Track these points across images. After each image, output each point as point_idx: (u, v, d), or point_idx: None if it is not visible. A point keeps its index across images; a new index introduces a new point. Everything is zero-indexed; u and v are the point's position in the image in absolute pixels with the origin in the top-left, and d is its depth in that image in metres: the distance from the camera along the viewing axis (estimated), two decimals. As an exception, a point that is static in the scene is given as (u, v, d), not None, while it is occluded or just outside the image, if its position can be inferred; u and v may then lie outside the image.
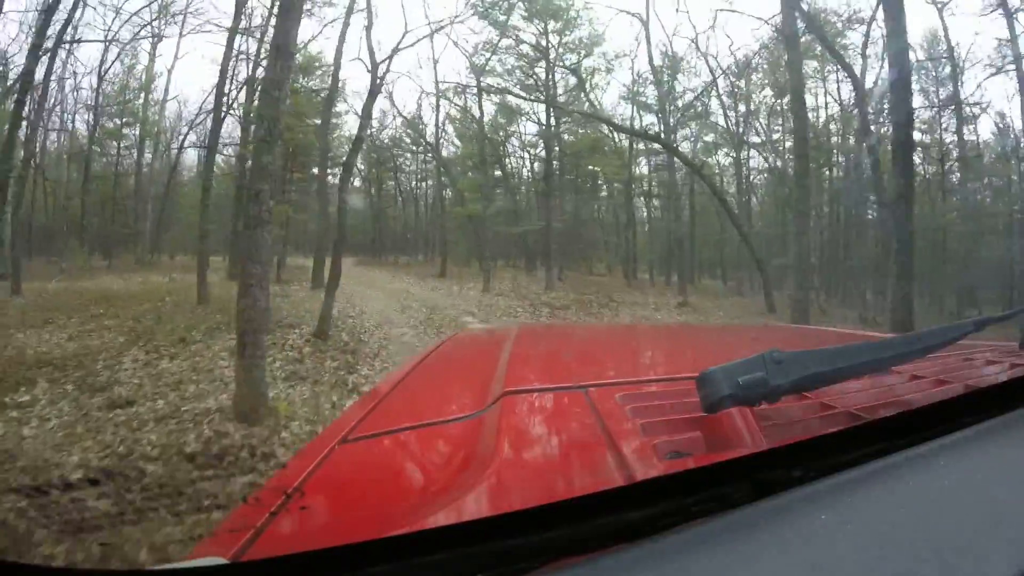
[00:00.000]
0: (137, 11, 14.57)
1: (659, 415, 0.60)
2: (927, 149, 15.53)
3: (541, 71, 16.42)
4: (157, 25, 15.24)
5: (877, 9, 11.48)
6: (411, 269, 19.90)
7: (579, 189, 19.89)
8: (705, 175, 15.28)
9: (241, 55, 13.43)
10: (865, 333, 1.61)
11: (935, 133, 15.77)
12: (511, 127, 20.18)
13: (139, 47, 16.46)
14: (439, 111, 19.50)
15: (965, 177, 15.51)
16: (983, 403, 0.52)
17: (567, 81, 17.00)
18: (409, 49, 25.33)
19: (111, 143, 17.59)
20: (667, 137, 15.16)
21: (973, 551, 0.33)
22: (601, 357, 1.34)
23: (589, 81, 16.25)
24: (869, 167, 11.95)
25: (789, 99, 12.44)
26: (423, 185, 26.50)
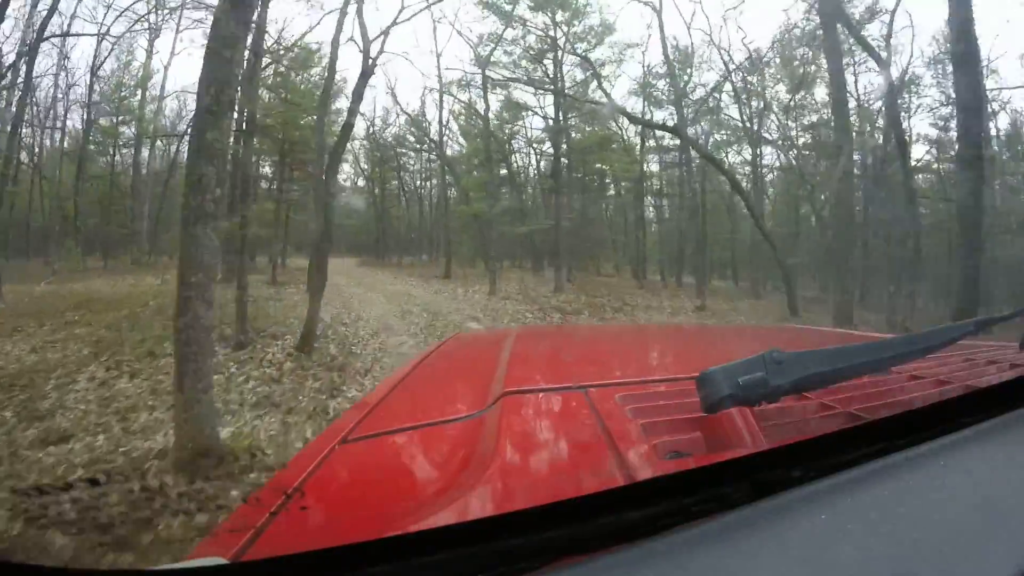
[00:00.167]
0: (131, 4, 14.24)
1: (659, 415, 0.61)
2: (941, 146, 15.12)
3: (548, 65, 15.73)
4: (153, 20, 14.94)
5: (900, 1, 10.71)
6: (415, 270, 19.39)
7: (586, 188, 19.31)
8: (725, 170, 14.55)
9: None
10: (865, 333, 1.62)
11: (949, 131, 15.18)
12: (516, 124, 19.67)
13: (135, 43, 16.14)
14: (443, 106, 18.93)
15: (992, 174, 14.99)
16: (983, 403, 0.53)
17: (574, 75, 16.49)
18: (409, 40, 24.95)
19: (108, 141, 17.30)
20: (682, 130, 14.41)
21: (973, 551, 0.34)
22: (601, 357, 1.34)
23: (599, 72, 15.44)
24: (897, 164, 11.49)
25: (829, 90, 11.71)
26: (427, 184, 26.11)
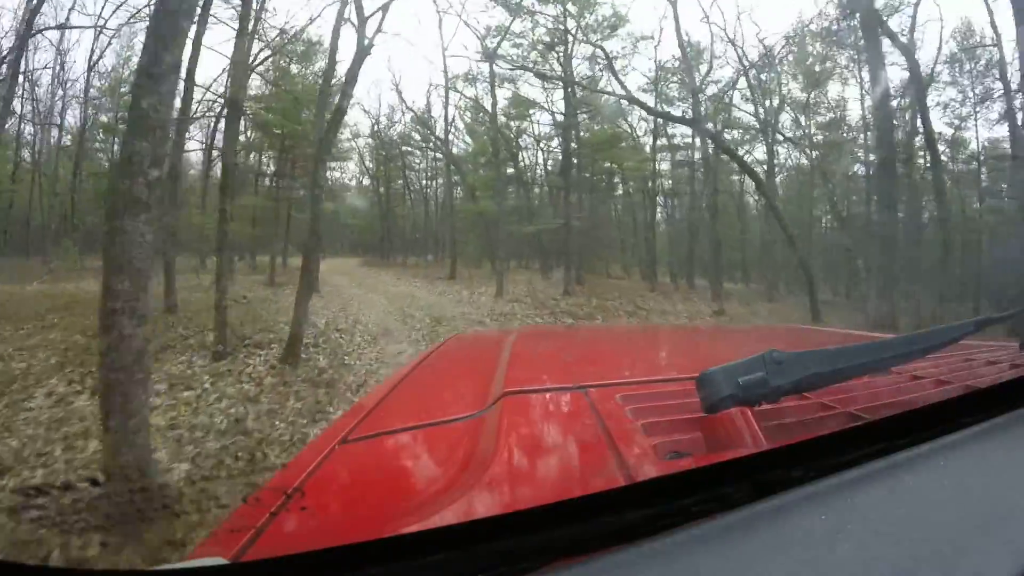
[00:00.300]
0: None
1: (659, 415, 0.61)
2: (957, 145, 14.61)
3: (558, 59, 15.03)
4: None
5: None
6: (419, 270, 18.91)
7: (594, 187, 18.71)
8: (748, 166, 13.77)
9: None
10: (865, 333, 1.62)
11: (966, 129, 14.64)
12: (524, 121, 19.07)
13: (135, 40, 15.94)
14: (448, 102, 18.15)
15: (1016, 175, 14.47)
16: (983, 403, 0.53)
17: (583, 71, 15.93)
18: (414, 33, 24.17)
19: (108, 137, 16.71)
20: (701, 123, 13.39)
21: (973, 551, 0.34)
22: (601, 357, 1.34)
23: (612, 62, 14.57)
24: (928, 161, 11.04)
25: (870, 86, 10.92)
26: (433, 184, 25.56)
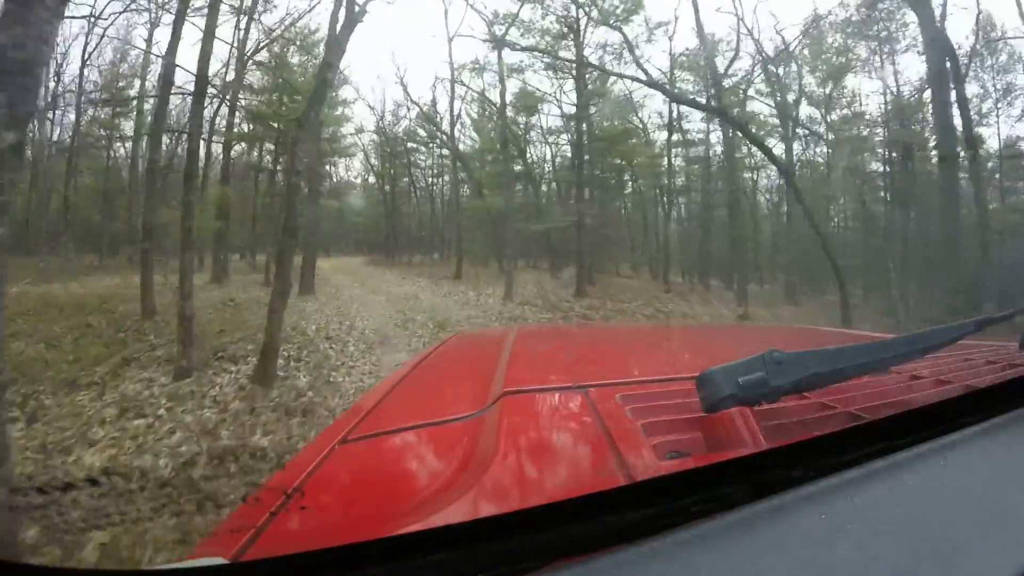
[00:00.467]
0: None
1: (659, 415, 0.60)
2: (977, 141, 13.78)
3: (569, 49, 14.50)
4: (152, 7, 13.96)
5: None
6: (424, 270, 18.27)
7: (604, 184, 18.16)
8: (778, 160, 12.80)
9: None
10: (865, 333, 1.62)
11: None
12: (532, 117, 18.36)
13: (133, 32, 15.39)
14: (454, 94, 17.60)
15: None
16: (983, 403, 0.53)
17: (594, 59, 15.27)
18: (418, 25, 23.95)
19: (104, 134, 16.59)
20: (728, 112, 12.34)
21: (973, 551, 0.34)
22: (601, 357, 1.34)
23: (631, 47, 13.86)
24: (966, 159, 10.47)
25: (926, 77, 10.28)
26: (439, 181, 25.13)
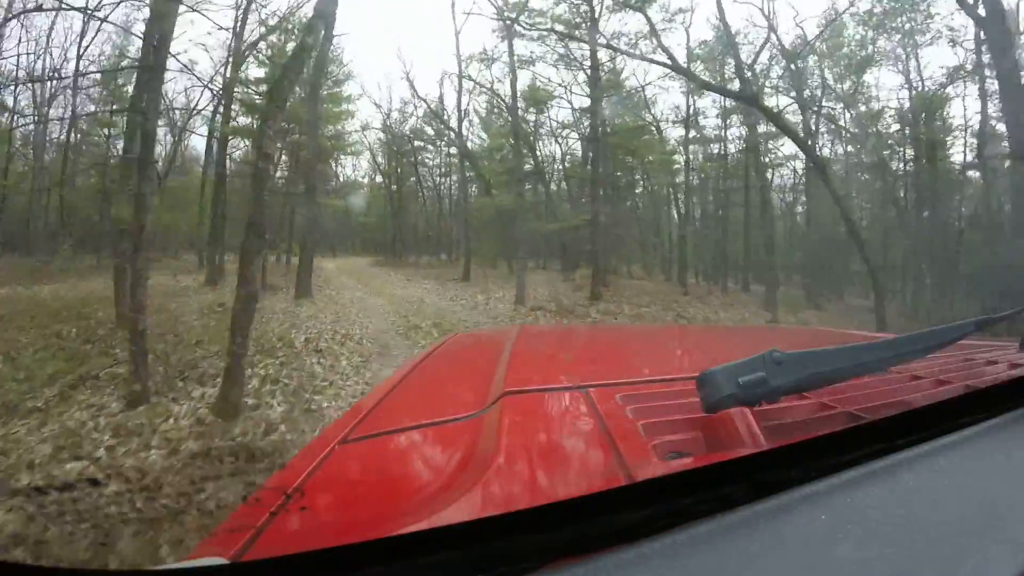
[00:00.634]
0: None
1: (659, 415, 0.61)
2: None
3: (578, 44, 13.90)
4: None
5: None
6: (431, 271, 18.01)
7: (615, 183, 17.51)
8: (815, 155, 12.11)
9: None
10: (865, 333, 1.62)
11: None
12: (541, 115, 17.81)
13: (131, 26, 15.48)
14: (461, 88, 16.88)
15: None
16: (983, 403, 0.53)
17: (609, 50, 14.54)
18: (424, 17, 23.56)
19: (101, 130, 16.02)
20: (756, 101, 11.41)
21: (973, 551, 0.34)
22: (601, 357, 1.34)
23: (654, 30, 12.80)
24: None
25: (997, 74, 8.74)
26: (447, 180, 24.63)
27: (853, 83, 14.68)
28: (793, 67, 13.63)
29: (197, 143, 18.32)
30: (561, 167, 19.77)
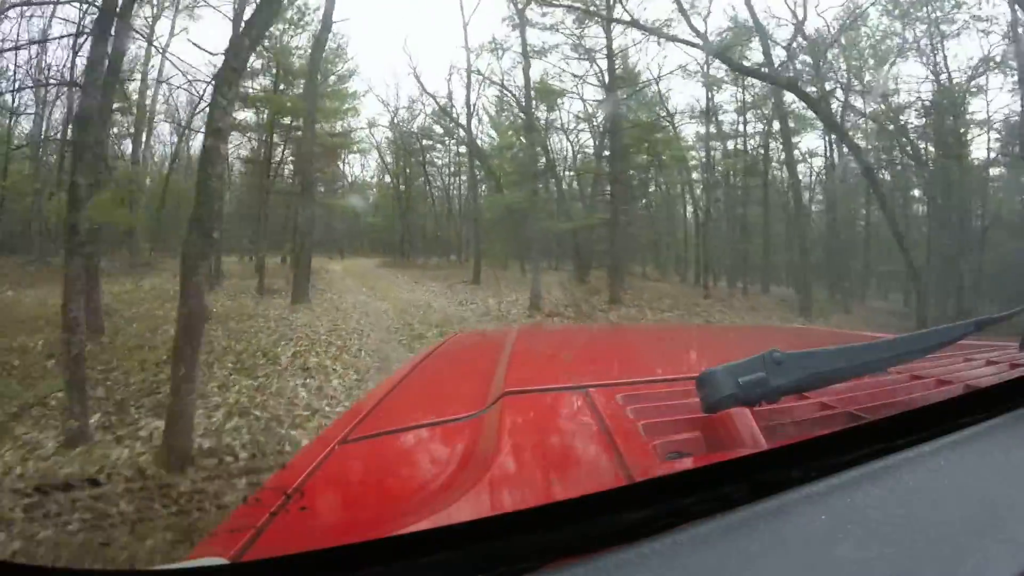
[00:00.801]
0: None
1: (659, 415, 0.61)
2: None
3: (593, 39, 13.13)
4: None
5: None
6: (440, 272, 17.22)
7: (627, 181, 16.49)
8: (859, 151, 11.22)
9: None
10: (865, 333, 1.62)
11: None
12: (552, 113, 17.03)
13: (135, 21, 15.14)
14: (470, 82, 16.17)
15: None
16: (983, 403, 0.53)
17: (624, 41, 13.89)
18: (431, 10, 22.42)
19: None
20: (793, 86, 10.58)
21: (973, 551, 0.34)
22: (601, 357, 1.34)
23: (682, 9, 11.81)
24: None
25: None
26: (456, 180, 23.91)
27: (874, 75, 13.99)
28: (823, 57, 12.84)
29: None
30: (572, 164, 18.98)
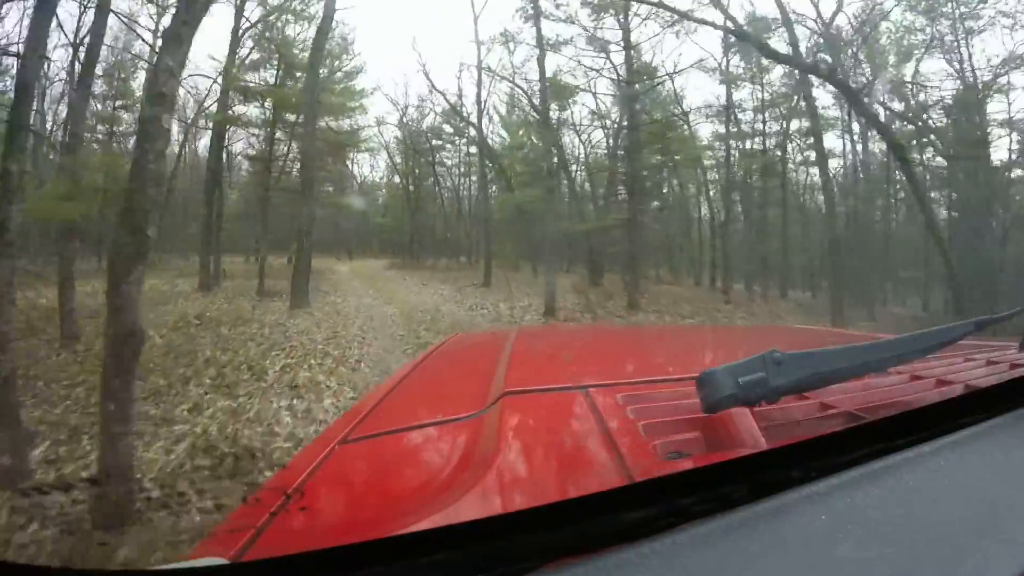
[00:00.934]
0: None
1: (659, 416, 0.61)
2: None
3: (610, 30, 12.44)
4: None
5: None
6: (449, 275, 16.69)
7: (643, 180, 15.81)
8: (905, 153, 10.28)
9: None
10: (865, 333, 1.62)
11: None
12: (565, 112, 16.39)
13: (139, 16, 14.94)
14: (480, 78, 15.65)
15: None
16: (983, 403, 0.52)
17: (641, 33, 13.11)
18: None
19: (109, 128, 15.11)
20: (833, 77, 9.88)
21: (973, 551, 0.34)
22: (601, 358, 1.34)
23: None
24: None
25: None
26: (466, 181, 23.23)
27: (898, 71, 13.47)
28: (858, 48, 12.09)
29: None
30: (585, 164, 18.33)
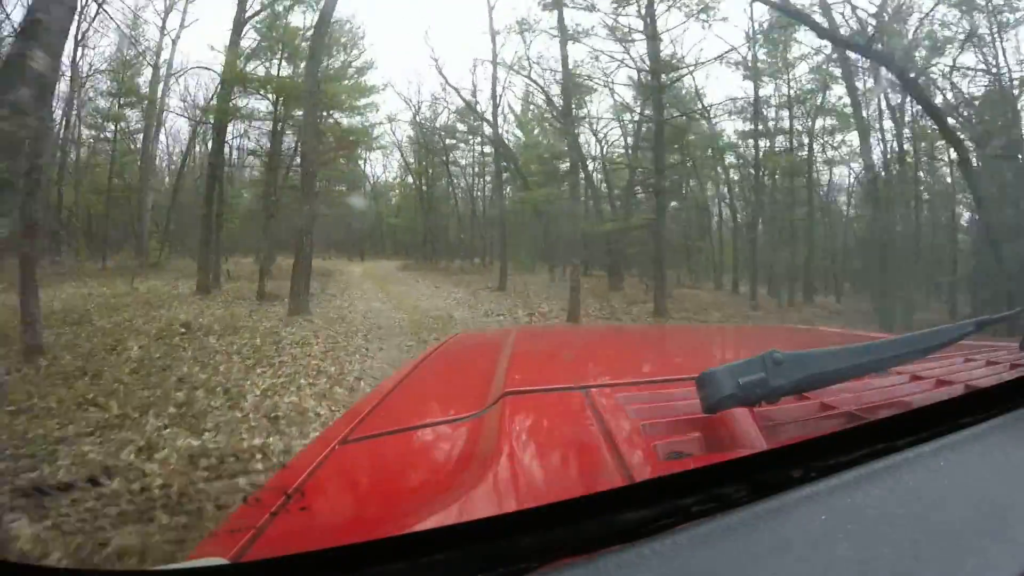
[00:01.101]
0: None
1: (659, 416, 0.61)
2: None
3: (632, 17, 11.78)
4: None
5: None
6: (463, 277, 16.13)
7: (663, 179, 14.81)
8: (962, 144, 9.40)
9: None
10: (865, 333, 1.61)
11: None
12: (580, 110, 15.60)
13: (144, 11, 14.18)
14: (495, 72, 15.19)
15: None
16: (983, 403, 0.52)
17: (668, 20, 12.89)
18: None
19: (109, 125, 15.39)
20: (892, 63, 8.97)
21: (973, 551, 0.34)
22: (601, 358, 1.34)
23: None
24: None
25: None
26: (480, 181, 23.01)
27: (925, 66, 12.41)
28: (909, 35, 11.33)
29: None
30: (603, 163, 17.53)
